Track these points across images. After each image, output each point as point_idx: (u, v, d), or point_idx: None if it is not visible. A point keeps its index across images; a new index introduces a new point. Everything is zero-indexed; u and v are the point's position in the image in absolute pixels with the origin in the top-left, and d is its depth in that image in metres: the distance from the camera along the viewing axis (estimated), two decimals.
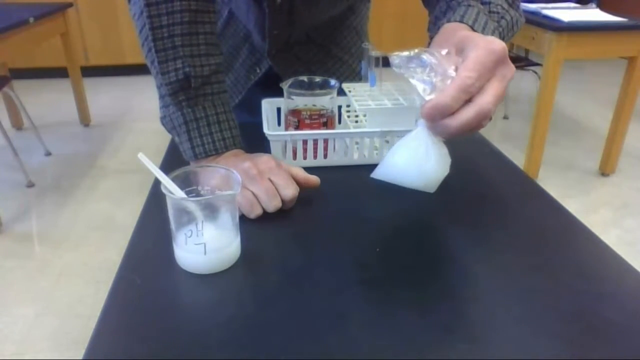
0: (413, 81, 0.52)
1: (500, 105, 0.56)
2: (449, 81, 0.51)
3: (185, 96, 0.69)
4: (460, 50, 0.54)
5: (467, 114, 0.50)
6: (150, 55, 0.69)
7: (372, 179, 0.61)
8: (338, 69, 0.99)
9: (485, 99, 0.50)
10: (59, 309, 1.72)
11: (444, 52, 0.53)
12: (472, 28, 0.62)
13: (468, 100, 0.51)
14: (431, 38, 0.67)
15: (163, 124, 0.73)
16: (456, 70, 0.52)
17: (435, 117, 0.51)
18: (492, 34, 0.64)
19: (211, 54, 0.71)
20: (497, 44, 0.51)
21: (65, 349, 1.56)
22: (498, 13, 0.68)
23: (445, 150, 0.56)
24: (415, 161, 0.56)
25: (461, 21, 0.62)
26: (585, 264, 0.55)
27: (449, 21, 0.63)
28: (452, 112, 0.50)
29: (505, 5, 0.69)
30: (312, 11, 0.87)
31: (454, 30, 0.59)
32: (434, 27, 0.72)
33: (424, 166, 0.55)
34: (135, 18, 0.70)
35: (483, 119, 0.51)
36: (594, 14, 2.46)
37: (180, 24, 0.68)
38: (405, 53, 0.53)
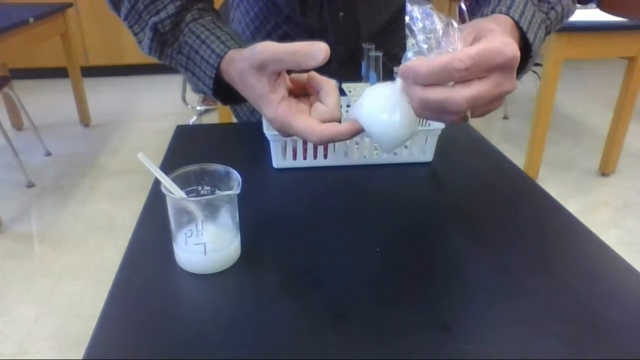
0: (410, 39, 0.49)
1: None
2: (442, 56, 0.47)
3: (164, 45, 0.67)
4: (477, 40, 0.49)
5: (433, 95, 0.46)
6: (133, 37, 0.69)
7: (372, 178, 0.61)
8: None
9: (460, 93, 0.45)
10: (59, 309, 1.72)
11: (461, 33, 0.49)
12: (518, 24, 0.56)
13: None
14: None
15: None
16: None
17: (407, 78, 0.48)
18: (538, 28, 0.59)
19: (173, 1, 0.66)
20: (511, 50, 0.46)
21: (65, 349, 1.56)
22: (549, 3, 0.62)
23: (414, 116, 0.51)
24: (381, 110, 0.51)
25: (507, 13, 0.56)
26: (585, 264, 0.55)
27: (493, 12, 0.58)
28: (425, 85, 0.46)
29: None
30: (373, 11, 0.83)
31: (487, 21, 0.54)
32: (476, 13, 0.66)
33: (390, 117, 0.51)
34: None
35: (447, 112, 0.46)
36: (594, 14, 2.46)
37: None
38: (428, 7, 0.48)
